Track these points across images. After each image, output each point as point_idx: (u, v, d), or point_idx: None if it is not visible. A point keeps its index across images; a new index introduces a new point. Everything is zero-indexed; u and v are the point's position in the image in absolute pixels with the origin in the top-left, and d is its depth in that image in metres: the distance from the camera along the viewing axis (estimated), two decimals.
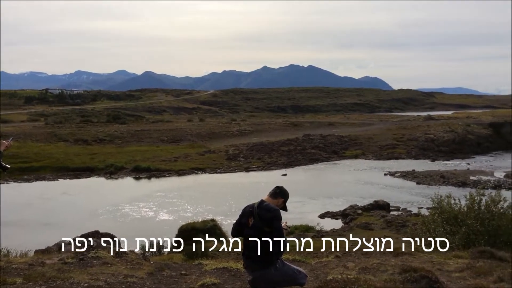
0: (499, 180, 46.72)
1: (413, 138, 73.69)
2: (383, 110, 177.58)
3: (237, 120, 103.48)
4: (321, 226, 28.71)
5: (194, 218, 30.25)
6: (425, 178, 48.27)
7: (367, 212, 34.55)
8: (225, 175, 51.05)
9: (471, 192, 10.98)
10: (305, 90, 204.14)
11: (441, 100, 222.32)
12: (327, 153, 65.27)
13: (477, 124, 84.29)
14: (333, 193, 41.67)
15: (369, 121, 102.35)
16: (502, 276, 6.06)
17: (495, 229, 9.92)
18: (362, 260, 8.25)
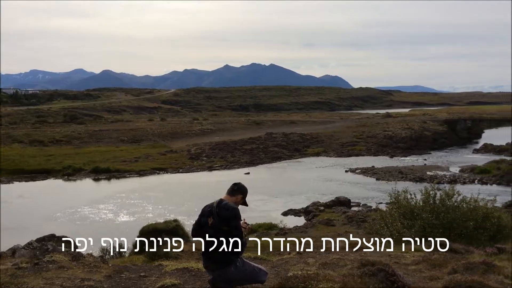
0: (454, 175, 48.44)
1: (372, 135, 75.43)
2: (343, 108, 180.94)
3: (199, 119, 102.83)
4: (284, 223, 28.85)
5: (156, 219, 29.87)
6: (384, 174, 49.45)
7: (329, 208, 35.09)
8: (188, 175, 50.60)
9: (427, 187, 11.31)
10: (267, 89, 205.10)
11: (398, 98, 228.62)
12: (290, 151, 65.84)
13: (433, 121, 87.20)
14: (295, 191, 42.04)
15: (330, 119, 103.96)
16: (456, 267, 6.26)
17: (450, 222, 10.25)
18: (322, 256, 8.34)
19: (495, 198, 11.69)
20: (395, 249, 8.50)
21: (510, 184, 43.83)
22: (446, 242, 8.26)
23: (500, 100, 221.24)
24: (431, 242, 8.45)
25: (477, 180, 45.83)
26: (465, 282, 5.52)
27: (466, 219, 10.20)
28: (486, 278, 5.75)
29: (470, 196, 10.89)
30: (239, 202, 5.42)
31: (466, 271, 6.04)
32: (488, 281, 5.64)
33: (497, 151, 65.91)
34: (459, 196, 10.83)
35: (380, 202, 34.77)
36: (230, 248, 5.16)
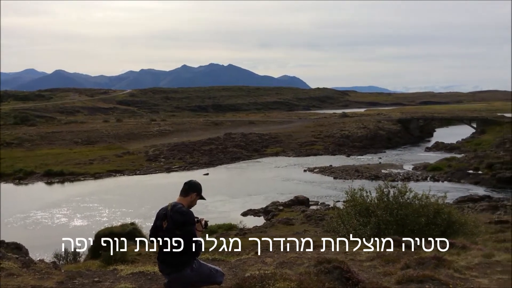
0: (408, 173, 50.01)
1: (330, 135, 76.77)
2: (302, 108, 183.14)
3: (156, 120, 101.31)
4: (243, 224, 28.86)
5: (113, 222, 29.20)
6: (341, 172, 50.42)
7: (288, 207, 35.42)
8: (145, 177, 49.75)
9: (381, 185, 11.59)
10: (225, 89, 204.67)
11: (354, 98, 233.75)
12: (249, 151, 66.00)
13: (387, 121, 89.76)
14: (255, 191, 42.17)
15: (288, 119, 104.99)
16: (408, 262, 6.45)
17: (403, 218, 10.54)
18: (280, 255, 8.39)
19: (445, 195, 12.11)
20: (351, 246, 8.65)
21: (460, 180, 45.71)
22: (399, 238, 8.50)
23: (450, 100, 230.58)
24: (385, 238, 8.66)
25: (429, 177, 47.48)
26: (417, 277, 5.70)
27: (418, 215, 10.52)
28: (437, 272, 5.95)
29: (422, 193, 11.24)
30: (194, 201, 5.34)
31: (418, 266, 6.23)
32: (439, 275, 5.84)
33: (448, 149, 68.58)
34: (411, 193, 11.15)
35: (338, 200, 35.38)
36: (185, 251, 5.09)
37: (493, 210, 31.44)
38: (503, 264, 6.20)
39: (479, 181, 44.54)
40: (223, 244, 15.21)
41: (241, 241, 14.80)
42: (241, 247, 13.00)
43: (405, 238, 8.56)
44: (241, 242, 14.14)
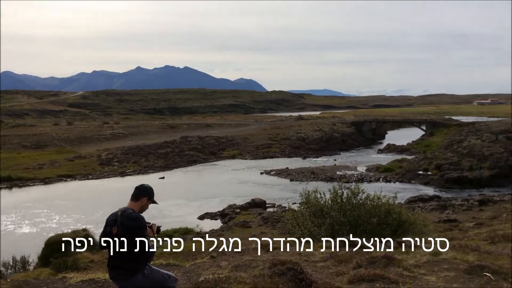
0: (362, 174, 51.22)
1: (286, 137, 77.53)
2: (258, 110, 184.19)
3: (110, 123, 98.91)
4: (200, 227, 28.67)
5: (64, 229, 28.22)
6: (297, 175, 51.00)
7: (245, 210, 35.48)
8: (98, 181, 48.43)
9: (335, 186, 11.80)
10: (181, 92, 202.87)
11: (310, 101, 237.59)
12: (205, 154, 65.62)
13: (342, 123, 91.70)
14: (212, 194, 41.93)
15: (245, 122, 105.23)
16: (360, 262, 6.59)
17: (356, 219, 10.78)
18: (236, 258, 8.36)
19: (396, 195, 12.49)
20: (305, 247, 8.75)
21: (411, 181, 47.28)
22: (352, 238, 8.68)
23: (401, 103, 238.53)
24: (339, 238, 8.82)
25: (381, 178, 48.82)
26: (368, 276, 5.83)
27: (370, 215, 10.79)
28: (387, 271, 6.11)
29: (373, 194, 11.53)
30: (146, 205, 5.23)
31: (369, 265, 6.37)
32: (389, 273, 6.00)
33: (399, 150, 70.81)
34: (363, 194, 11.42)
35: (294, 202, 35.59)
36: (136, 257, 4.98)
37: (442, 210, 32.73)
38: (449, 261, 6.45)
39: (428, 182, 46.21)
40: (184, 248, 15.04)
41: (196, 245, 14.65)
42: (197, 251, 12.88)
43: (358, 238, 8.74)
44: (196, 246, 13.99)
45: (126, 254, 4.99)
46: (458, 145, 57.13)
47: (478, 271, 5.90)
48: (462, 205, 34.18)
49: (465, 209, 32.54)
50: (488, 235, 11.91)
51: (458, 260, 6.45)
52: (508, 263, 6.35)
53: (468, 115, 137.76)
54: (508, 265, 6.20)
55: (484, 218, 24.64)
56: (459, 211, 31.75)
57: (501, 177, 45.31)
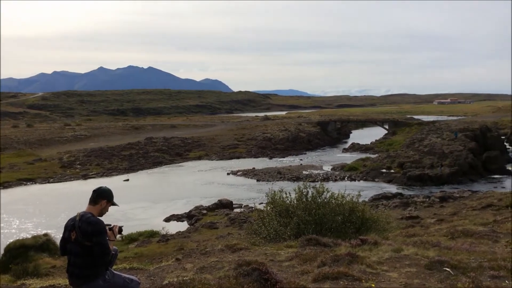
0: (327, 173, 51.87)
1: (252, 138, 77.64)
2: (224, 111, 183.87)
3: (71, 125, 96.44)
4: (166, 230, 28.29)
5: (24, 234, 27.32)
6: (264, 175, 51.16)
7: (212, 211, 35.30)
8: (60, 185, 47.11)
9: (300, 186, 11.88)
10: (145, 92, 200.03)
11: (275, 101, 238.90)
12: (171, 155, 64.94)
13: (307, 123, 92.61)
14: (178, 196, 41.53)
15: (211, 122, 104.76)
16: (324, 260, 6.65)
17: (321, 217, 10.88)
18: (201, 259, 8.28)
19: (359, 193, 12.69)
20: (271, 247, 8.76)
21: (374, 179, 48.25)
22: (317, 237, 8.75)
23: (365, 103, 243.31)
24: (305, 237, 8.87)
25: (346, 177, 49.62)
26: (332, 274, 5.89)
27: (335, 214, 10.92)
28: (351, 268, 6.20)
29: (338, 192, 11.68)
30: (105, 208, 5.09)
31: (334, 263, 6.44)
32: (352, 271, 6.08)
33: (363, 149, 72.18)
34: (328, 193, 11.55)
35: (261, 202, 35.81)
36: (95, 262, 4.84)
37: (405, 207, 33.53)
38: (410, 257, 6.59)
39: (391, 180, 47.28)
40: (148, 251, 14.79)
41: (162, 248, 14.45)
42: (161, 254, 12.69)
43: (322, 237, 8.82)
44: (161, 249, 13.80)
45: (85, 260, 4.85)
46: (420, 143, 58.69)
47: (438, 266, 6.05)
48: (424, 202, 35.12)
49: (427, 205, 33.43)
50: (448, 231, 12.28)
51: (419, 256, 6.61)
52: (467, 258, 6.54)
53: (429, 114, 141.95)
54: (467, 260, 6.39)
55: (444, 214, 25.39)
56: (421, 207, 32.60)
57: (460, 174, 46.85)
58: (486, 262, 6.11)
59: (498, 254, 7.11)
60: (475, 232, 11.44)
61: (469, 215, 23.57)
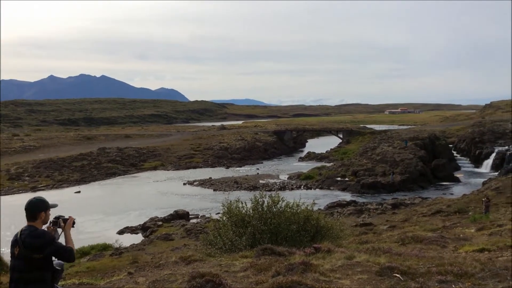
0: (284, 182, 52.27)
1: (209, 147, 77.23)
2: (180, 121, 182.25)
3: (20, 135, 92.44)
4: (120, 242, 27.55)
5: None
6: (221, 184, 50.93)
7: (168, 223, 34.72)
8: (7, 198, 45.00)
9: (256, 195, 11.88)
10: (98, 101, 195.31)
11: (232, 110, 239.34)
12: (125, 166, 63.55)
13: (264, 132, 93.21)
14: (132, 207, 40.61)
15: (167, 132, 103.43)
16: (279, 270, 6.65)
17: (276, 227, 10.91)
18: (154, 273, 8.09)
19: (314, 202, 12.85)
20: (226, 258, 8.69)
21: (330, 187, 49.05)
22: (273, 246, 8.77)
23: (320, 113, 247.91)
24: (260, 247, 8.86)
25: (303, 185, 50.17)
26: (286, 283, 5.90)
27: (290, 223, 10.99)
28: (304, 277, 6.23)
29: (293, 201, 11.76)
30: (47, 220, 4.89)
31: (288, 272, 6.46)
32: (306, 279, 6.12)
33: (318, 158, 73.33)
34: (283, 202, 11.61)
35: (218, 212, 35.57)
36: (43, 277, 4.62)
37: (359, 214, 34.26)
38: (362, 264, 6.71)
39: (346, 188, 48.24)
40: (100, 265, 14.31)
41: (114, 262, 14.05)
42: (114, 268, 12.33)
43: (277, 246, 8.85)
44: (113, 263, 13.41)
45: (32, 275, 4.63)
46: (372, 152, 60.28)
47: (388, 272, 6.19)
48: (377, 209, 36.01)
49: (380, 212, 34.31)
50: (399, 237, 12.62)
51: (370, 263, 6.73)
52: (416, 263, 6.73)
53: (381, 124, 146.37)
54: (416, 265, 6.57)
55: (396, 221, 26.12)
56: (374, 214, 33.41)
57: (411, 181, 48.42)
58: (434, 267, 6.30)
59: (445, 259, 7.36)
60: (425, 238, 11.82)
61: (420, 221, 24.38)
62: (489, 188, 30.74)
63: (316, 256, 7.48)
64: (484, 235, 13.26)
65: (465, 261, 6.88)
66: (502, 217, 19.03)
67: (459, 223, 18.81)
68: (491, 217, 19.35)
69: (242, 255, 8.73)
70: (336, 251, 7.77)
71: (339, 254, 7.49)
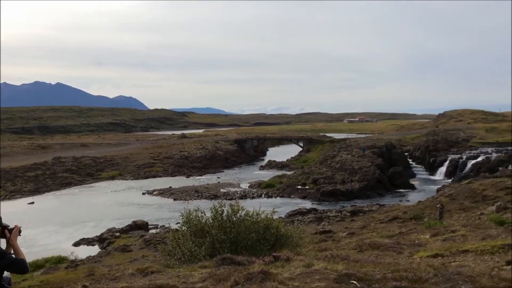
0: (245, 191, 52.26)
1: (169, 156, 76.30)
2: (140, 129, 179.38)
3: None
4: (76, 255, 26.66)
5: None
6: (181, 194, 50.32)
7: (126, 233, 33.94)
8: None
9: (215, 204, 11.78)
10: (53, 110, 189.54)
11: (193, 119, 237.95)
12: (81, 176, 61.85)
13: (225, 141, 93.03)
14: (89, 218, 39.46)
15: (125, 141, 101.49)
16: (238, 279, 6.60)
17: (236, 236, 10.85)
18: (110, 285, 7.85)
19: (274, 210, 12.88)
20: (185, 268, 8.55)
21: (290, 195, 49.41)
22: (232, 256, 8.70)
23: (280, 121, 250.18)
24: (219, 257, 8.77)
25: (263, 194, 50.31)
26: None
27: (250, 231, 10.94)
28: (263, 286, 6.21)
29: (253, 210, 11.74)
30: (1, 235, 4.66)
31: (247, 282, 6.41)
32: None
33: (279, 166, 73.82)
34: (243, 211, 11.57)
35: (177, 222, 35.03)
36: None
37: (319, 221, 34.64)
38: (320, 272, 6.76)
39: (306, 196, 48.73)
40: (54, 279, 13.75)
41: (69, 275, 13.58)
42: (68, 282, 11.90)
43: (237, 256, 8.79)
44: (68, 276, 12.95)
45: None
46: (332, 160, 61.28)
47: (346, 279, 6.26)
48: (336, 216, 36.53)
49: (339, 220, 34.82)
50: (357, 244, 12.83)
51: (328, 270, 6.79)
52: (372, 270, 6.83)
53: (340, 132, 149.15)
54: (372, 272, 6.67)
55: (355, 228, 26.58)
56: (333, 222, 33.87)
57: (369, 188, 49.48)
58: (389, 273, 6.42)
59: (401, 265, 7.53)
60: (382, 245, 12.06)
61: (377, 228, 24.91)
62: (443, 194, 31.83)
63: (275, 264, 7.47)
64: (438, 240, 13.67)
65: (419, 266, 7.05)
66: (455, 223, 19.71)
67: (414, 229, 19.33)
68: (445, 223, 20.00)
69: (201, 266, 8.61)
70: (295, 259, 7.80)
71: (298, 262, 7.52)
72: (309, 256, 9.26)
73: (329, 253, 9.75)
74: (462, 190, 30.62)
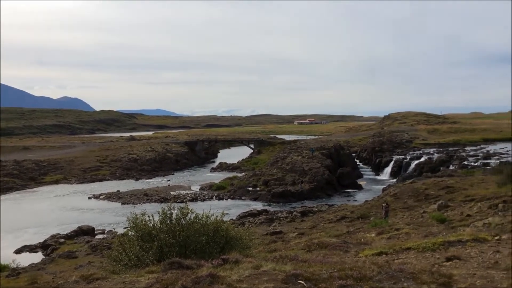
0: (196, 193, 51.80)
1: (117, 159, 74.39)
2: (86, 131, 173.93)
3: None
4: (17, 262, 25.51)
5: None
6: (130, 197, 49.19)
7: (71, 239, 32.84)
8: None
9: (163, 208, 11.57)
10: None
11: (142, 121, 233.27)
12: (23, 180, 59.14)
13: (175, 143, 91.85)
14: (31, 224, 37.81)
15: (70, 144, 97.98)
16: (185, 283, 6.50)
17: (185, 239, 10.69)
18: None
19: (223, 212, 12.82)
20: (132, 274, 8.32)
21: (242, 197, 49.48)
22: (180, 260, 8.56)
23: (231, 123, 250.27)
24: (167, 261, 8.61)
25: (215, 196, 50.09)
26: None
27: (199, 234, 10.82)
28: None
29: (202, 213, 11.62)
30: None
31: (194, 286, 6.33)
32: None
33: (230, 168, 73.78)
34: (193, 213, 11.43)
35: (126, 227, 34.19)
36: None
37: (270, 223, 34.91)
38: (269, 273, 6.78)
39: (257, 197, 48.97)
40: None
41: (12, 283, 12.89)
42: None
43: (186, 259, 8.66)
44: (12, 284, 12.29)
45: None
46: (282, 161, 61.94)
47: (293, 279, 6.31)
48: (287, 217, 36.95)
49: (289, 220, 35.24)
50: (306, 244, 13.00)
51: (277, 271, 6.82)
52: (319, 269, 6.93)
53: (290, 134, 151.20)
54: (319, 271, 6.77)
55: (305, 228, 26.97)
56: (284, 223, 34.23)
57: (318, 189, 50.41)
58: (335, 272, 6.54)
59: (347, 264, 7.69)
60: (329, 244, 12.28)
61: (326, 227, 25.40)
62: (388, 194, 32.90)
63: (224, 267, 7.42)
64: (383, 239, 14.10)
65: (364, 265, 7.23)
66: (399, 221, 20.42)
67: (361, 228, 19.86)
68: (390, 221, 20.67)
69: (148, 271, 8.41)
70: (244, 261, 7.78)
71: (247, 264, 7.51)
72: (258, 257, 9.27)
73: (278, 254, 9.82)
74: (406, 189, 31.79)
